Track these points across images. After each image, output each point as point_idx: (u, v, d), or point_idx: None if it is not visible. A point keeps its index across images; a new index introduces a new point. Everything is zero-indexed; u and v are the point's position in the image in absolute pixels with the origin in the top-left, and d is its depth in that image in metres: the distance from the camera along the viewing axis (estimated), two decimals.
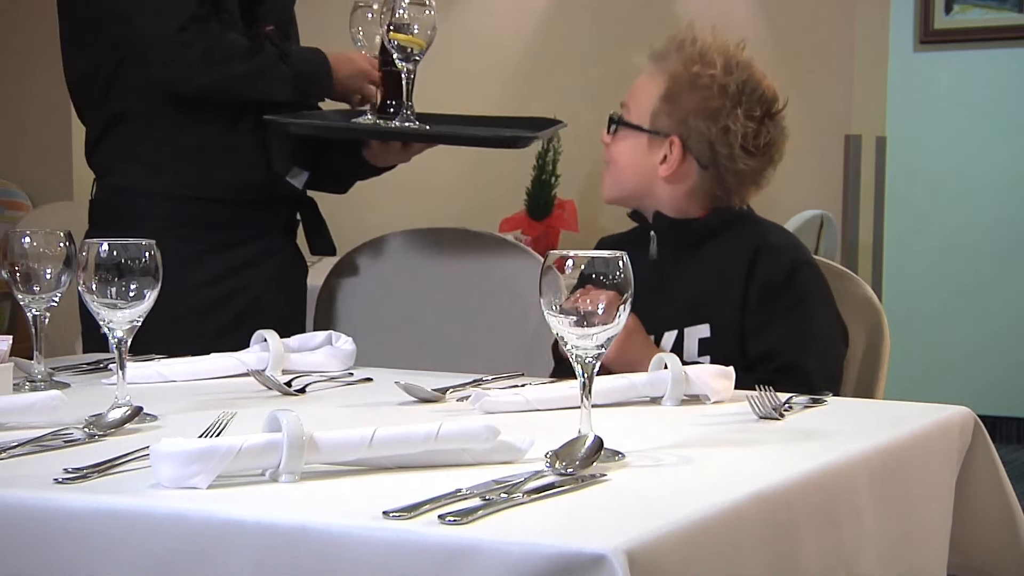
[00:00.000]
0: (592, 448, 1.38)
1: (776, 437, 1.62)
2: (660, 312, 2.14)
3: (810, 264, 2.19)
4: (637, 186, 2.24)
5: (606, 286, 1.43)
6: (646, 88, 2.23)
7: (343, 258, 2.72)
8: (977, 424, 1.75)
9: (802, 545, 1.37)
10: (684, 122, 2.19)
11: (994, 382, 6.37)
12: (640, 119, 2.22)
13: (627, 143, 2.24)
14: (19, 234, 1.95)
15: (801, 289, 2.15)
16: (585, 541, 1.12)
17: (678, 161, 2.20)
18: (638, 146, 2.22)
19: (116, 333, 1.66)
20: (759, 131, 2.19)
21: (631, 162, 2.24)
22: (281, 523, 1.21)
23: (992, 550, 1.77)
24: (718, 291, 2.16)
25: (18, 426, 1.60)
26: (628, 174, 2.25)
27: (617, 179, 2.27)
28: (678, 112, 2.19)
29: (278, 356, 2.05)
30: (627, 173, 2.25)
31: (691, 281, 2.20)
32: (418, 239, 2.71)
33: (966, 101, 6.46)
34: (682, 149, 2.19)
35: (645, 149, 2.22)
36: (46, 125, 4.81)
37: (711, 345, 2.13)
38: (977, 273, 6.45)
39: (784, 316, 2.12)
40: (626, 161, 2.24)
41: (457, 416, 1.73)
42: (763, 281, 2.14)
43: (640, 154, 2.22)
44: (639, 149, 2.22)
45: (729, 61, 2.20)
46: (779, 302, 2.13)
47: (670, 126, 2.20)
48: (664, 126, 2.21)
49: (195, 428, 1.53)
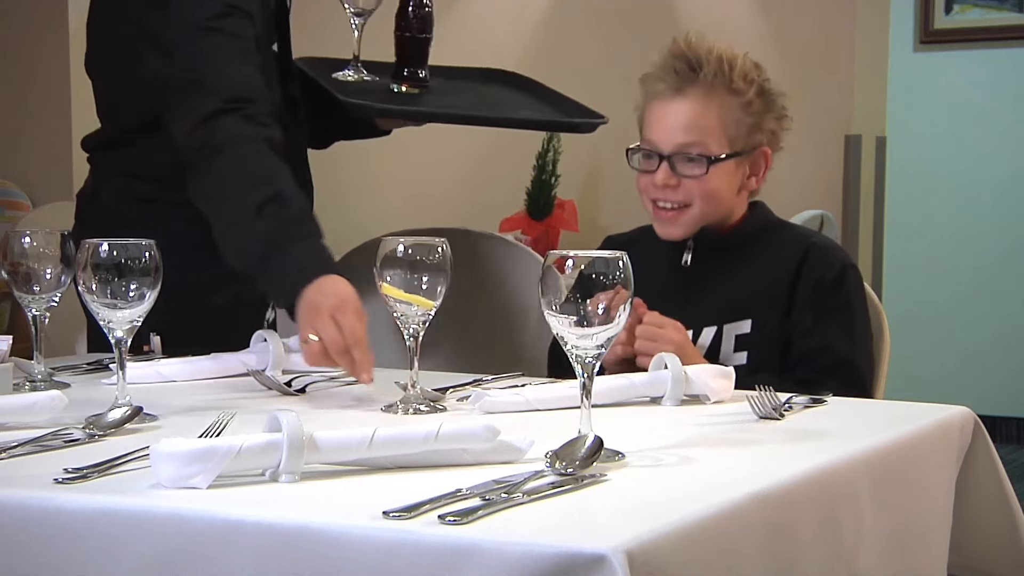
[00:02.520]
0: (592, 448, 1.38)
1: (776, 437, 1.62)
2: (696, 311, 2.16)
3: (854, 268, 2.24)
4: (728, 209, 2.25)
5: (606, 286, 1.43)
6: (712, 116, 2.19)
7: (343, 258, 2.72)
8: (977, 424, 1.75)
9: (802, 545, 1.37)
10: (763, 130, 2.23)
11: (994, 382, 6.37)
12: (731, 148, 2.20)
13: (723, 177, 2.21)
14: (19, 234, 1.95)
15: (850, 290, 2.19)
16: (585, 541, 1.12)
17: (765, 169, 2.25)
18: (729, 173, 2.22)
19: (116, 333, 1.66)
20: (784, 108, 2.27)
21: (729, 190, 2.23)
22: (281, 523, 1.21)
23: (992, 550, 1.77)
24: (763, 289, 2.19)
25: (18, 426, 1.60)
26: (727, 204, 2.23)
27: (708, 215, 2.22)
28: (758, 124, 2.22)
29: (278, 356, 2.06)
30: (726, 203, 2.23)
31: (730, 281, 2.22)
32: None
33: (966, 101, 6.46)
34: (770, 156, 2.24)
35: (734, 172, 2.22)
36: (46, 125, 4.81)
37: (750, 341, 2.16)
38: (977, 273, 6.45)
39: (835, 315, 2.16)
40: (725, 194, 2.22)
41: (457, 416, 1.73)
42: (815, 280, 2.18)
43: (733, 179, 2.23)
44: (730, 175, 2.22)
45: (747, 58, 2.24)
46: (830, 301, 2.17)
47: (756, 140, 2.22)
48: (750, 143, 2.22)
49: (195, 428, 1.53)
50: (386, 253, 1.74)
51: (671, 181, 2.19)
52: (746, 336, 2.16)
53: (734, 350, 2.16)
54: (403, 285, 1.73)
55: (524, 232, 4.78)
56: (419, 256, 1.73)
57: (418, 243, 1.74)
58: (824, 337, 2.14)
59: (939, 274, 6.49)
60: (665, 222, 2.23)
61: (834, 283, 2.17)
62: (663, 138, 2.20)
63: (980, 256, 6.44)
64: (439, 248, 1.74)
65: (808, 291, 2.17)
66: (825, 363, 2.12)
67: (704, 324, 2.17)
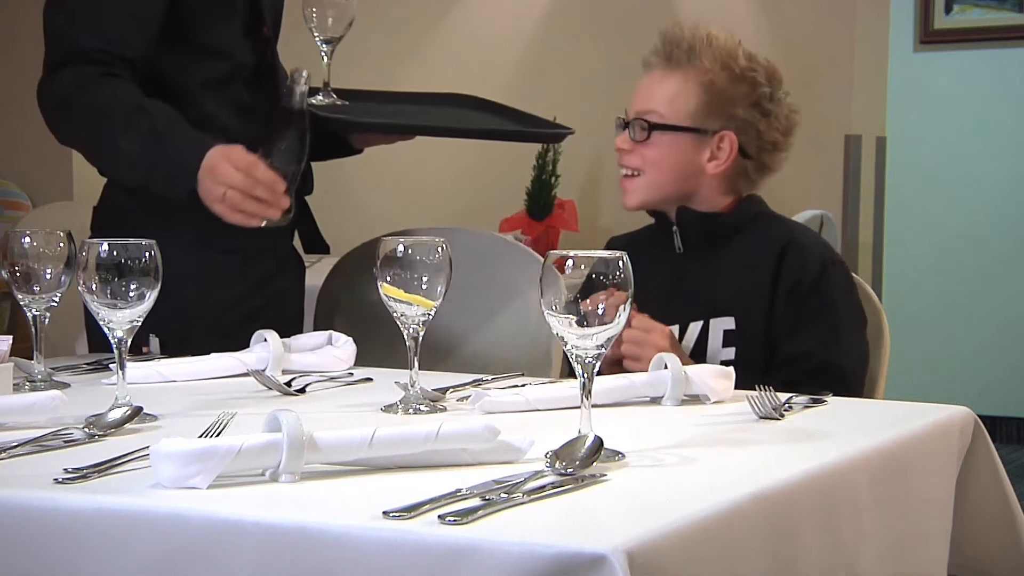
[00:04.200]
0: (592, 448, 1.38)
1: (776, 437, 1.62)
2: (685, 304, 2.17)
3: (837, 263, 2.22)
4: (681, 188, 2.25)
5: (607, 286, 1.43)
6: (675, 89, 2.23)
7: (343, 258, 2.72)
8: (977, 424, 1.75)
9: (802, 545, 1.37)
10: (733, 116, 2.22)
11: (994, 382, 6.37)
12: (678, 120, 2.22)
13: (667, 146, 2.23)
14: (19, 234, 1.95)
15: (831, 290, 2.18)
16: (585, 541, 1.12)
17: (729, 155, 2.22)
18: (681, 147, 2.23)
19: (116, 333, 1.66)
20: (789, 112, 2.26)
21: (675, 164, 2.23)
22: (281, 523, 1.21)
23: (992, 550, 1.77)
24: (744, 286, 2.19)
25: (18, 426, 1.60)
26: (671, 176, 2.24)
27: (656, 183, 2.25)
28: (726, 107, 2.22)
29: (278, 356, 2.06)
30: (670, 176, 2.24)
31: (716, 274, 2.22)
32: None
33: (966, 101, 6.46)
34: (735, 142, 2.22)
35: (690, 149, 2.23)
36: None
37: (736, 337, 2.16)
38: (977, 273, 6.45)
39: (815, 317, 2.15)
40: (669, 164, 2.23)
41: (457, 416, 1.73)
42: (792, 283, 2.17)
43: (686, 155, 2.23)
44: (683, 150, 2.23)
45: (747, 51, 2.25)
46: (809, 303, 2.16)
47: (719, 122, 2.22)
48: (712, 123, 2.22)
49: (195, 428, 1.53)
50: (386, 253, 1.74)
51: (624, 145, 2.25)
52: (732, 332, 2.17)
53: (722, 345, 2.17)
54: (403, 285, 1.73)
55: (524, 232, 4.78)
56: (419, 256, 1.73)
57: (418, 243, 1.74)
58: (805, 342, 2.13)
59: (939, 274, 6.49)
60: (623, 190, 2.27)
61: (812, 284, 2.16)
62: (630, 105, 2.28)
63: (980, 256, 6.44)
64: (439, 248, 1.74)
65: (786, 293, 2.17)
66: (807, 367, 2.11)
67: (691, 318, 2.18)
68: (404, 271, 1.73)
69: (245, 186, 2.12)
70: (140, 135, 2.16)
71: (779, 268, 2.18)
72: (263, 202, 2.13)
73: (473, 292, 2.58)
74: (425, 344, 1.77)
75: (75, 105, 2.23)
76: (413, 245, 1.73)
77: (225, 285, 2.36)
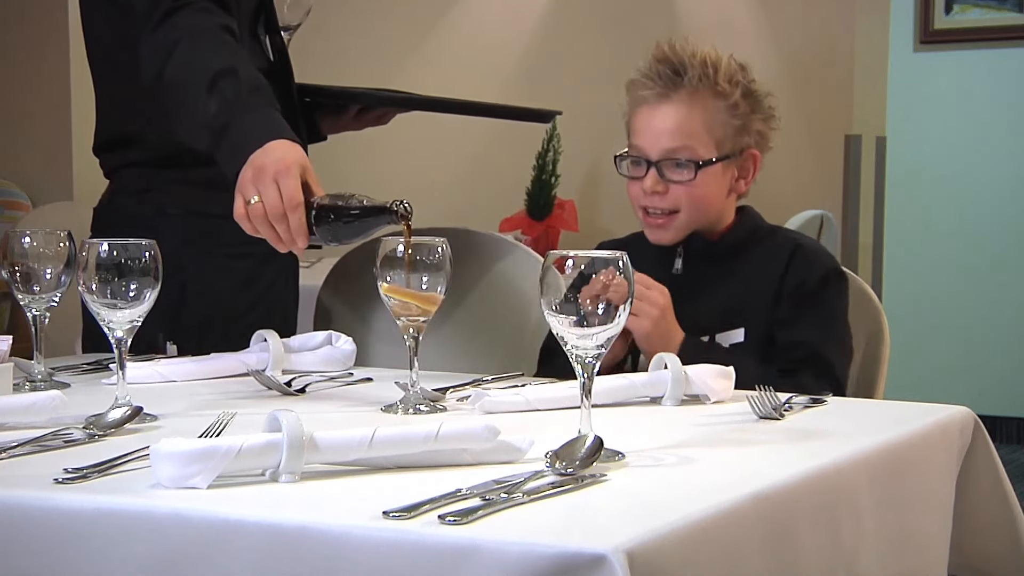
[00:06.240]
0: (592, 448, 1.38)
1: (776, 437, 1.62)
2: (689, 320, 2.14)
3: (841, 275, 2.23)
4: (714, 216, 2.24)
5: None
6: (698, 119, 2.18)
7: (343, 258, 2.72)
8: (977, 424, 1.75)
9: (802, 545, 1.37)
10: (750, 132, 2.22)
11: (994, 382, 6.37)
12: (709, 151, 2.19)
13: (711, 182, 2.20)
14: (19, 234, 1.95)
15: (832, 295, 2.20)
16: (585, 541, 1.12)
17: (753, 172, 2.24)
18: (721, 177, 2.21)
19: (116, 333, 1.66)
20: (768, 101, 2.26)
21: (717, 196, 2.22)
22: (281, 523, 1.21)
23: (992, 550, 1.77)
24: (754, 295, 2.19)
25: (18, 426, 1.60)
26: (714, 208, 2.23)
27: (696, 220, 2.21)
28: (745, 126, 2.21)
29: (278, 356, 2.06)
30: (713, 208, 2.22)
31: (722, 290, 2.21)
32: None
33: (966, 101, 6.46)
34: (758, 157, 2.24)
35: (722, 176, 2.21)
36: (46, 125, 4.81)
37: (744, 349, 2.16)
38: (977, 273, 6.45)
39: (813, 311, 2.17)
40: (713, 197, 2.21)
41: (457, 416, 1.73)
42: (798, 281, 2.18)
43: (722, 183, 2.22)
44: (719, 179, 2.21)
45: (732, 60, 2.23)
46: (811, 299, 2.18)
47: (744, 142, 2.22)
48: (737, 145, 2.21)
49: (195, 428, 1.53)
50: (386, 253, 1.74)
51: (659, 187, 2.19)
52: (740, 345, 2.16)
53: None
54: (403, 285, 1.73)
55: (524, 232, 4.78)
56: (419, 256, 1.73)
57: (418, 243, 1.74)
58: (802, 331, 2.15)
59: (939, 274, 6.49)
60: (655, 228, 2.23)
61: (816, 284, 2.18)
62: (650, 144, 2.20)
63: (980, 256, 6.44)
64: (439, 248, 1.74)
65: (791, 288, 2.18)
66: (801, 355, 2.13)
67: (696, 335, 2.17)
68: (404, 271, 1.73)
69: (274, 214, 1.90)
70: (223, 97, 2.02)
71: (788, 267, 2.19)
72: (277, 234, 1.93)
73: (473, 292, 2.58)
74: (425, 344, 1.77)
75: (180, 48, 2.08)
76: (413, 245, 1.73)
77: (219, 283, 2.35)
